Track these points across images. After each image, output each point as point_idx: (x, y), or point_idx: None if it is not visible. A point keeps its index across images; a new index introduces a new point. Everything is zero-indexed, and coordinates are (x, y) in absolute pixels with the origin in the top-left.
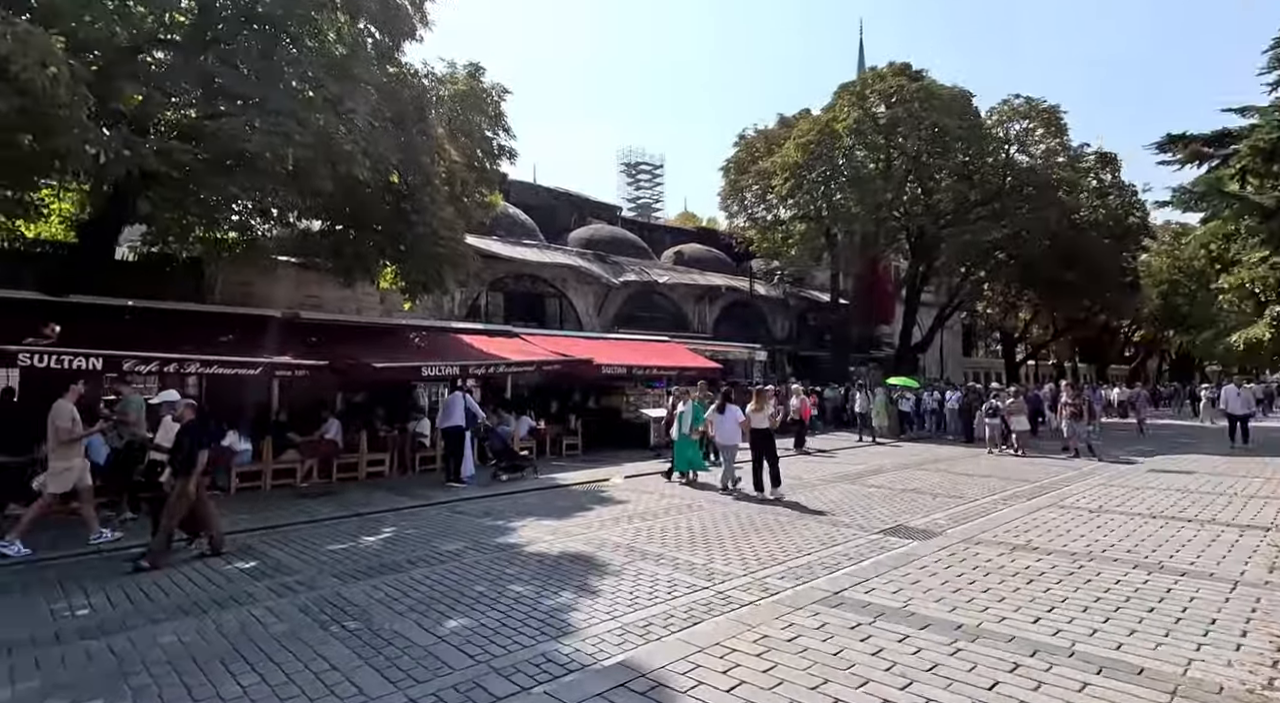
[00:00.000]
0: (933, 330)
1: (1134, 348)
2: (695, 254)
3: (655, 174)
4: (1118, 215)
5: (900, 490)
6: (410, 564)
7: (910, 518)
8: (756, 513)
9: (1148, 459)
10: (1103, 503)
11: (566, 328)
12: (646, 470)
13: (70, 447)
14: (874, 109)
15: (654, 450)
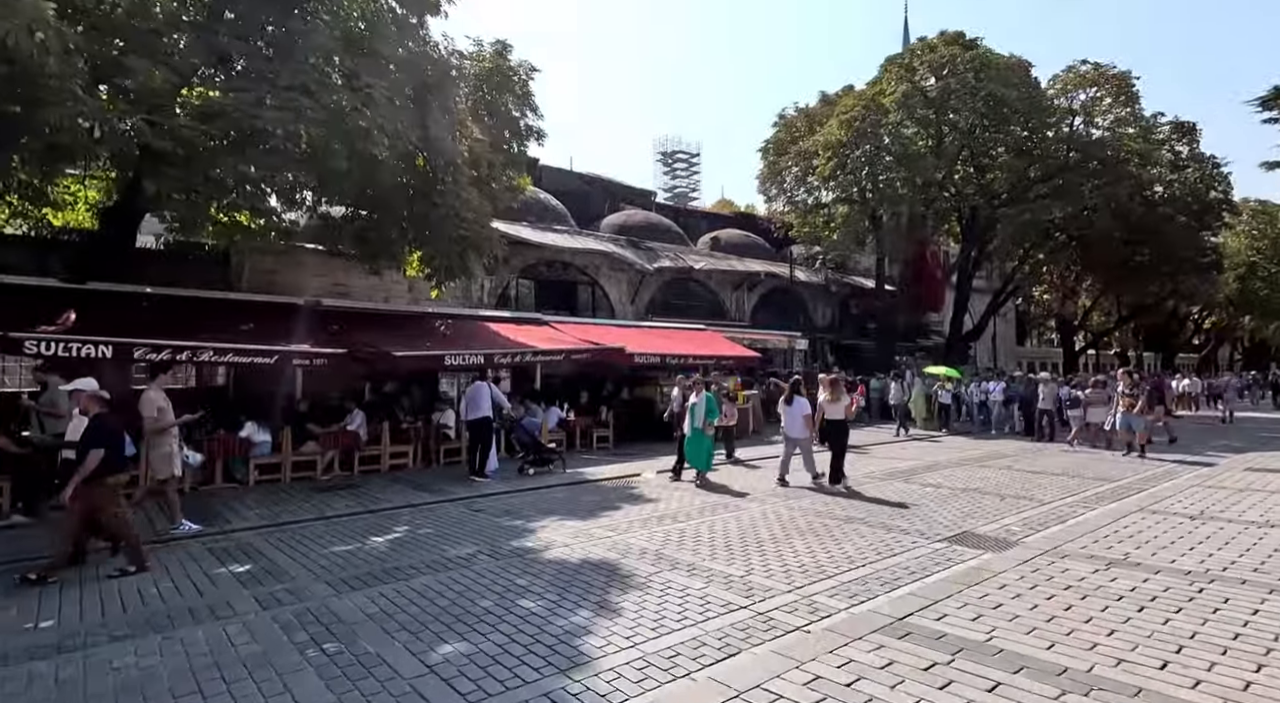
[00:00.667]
0: (985, 318)
1: (1204, 335)
2: (733, 240)
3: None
4: (1196, 190)
5: (960, 490)
6: (414, 571)
7: (977, 524)
8: (800, 515)
9: (1237, 456)
10: (1204, 508)
11: (599, 316)
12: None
13: (163, 434)
14: (923, 82)
15: None
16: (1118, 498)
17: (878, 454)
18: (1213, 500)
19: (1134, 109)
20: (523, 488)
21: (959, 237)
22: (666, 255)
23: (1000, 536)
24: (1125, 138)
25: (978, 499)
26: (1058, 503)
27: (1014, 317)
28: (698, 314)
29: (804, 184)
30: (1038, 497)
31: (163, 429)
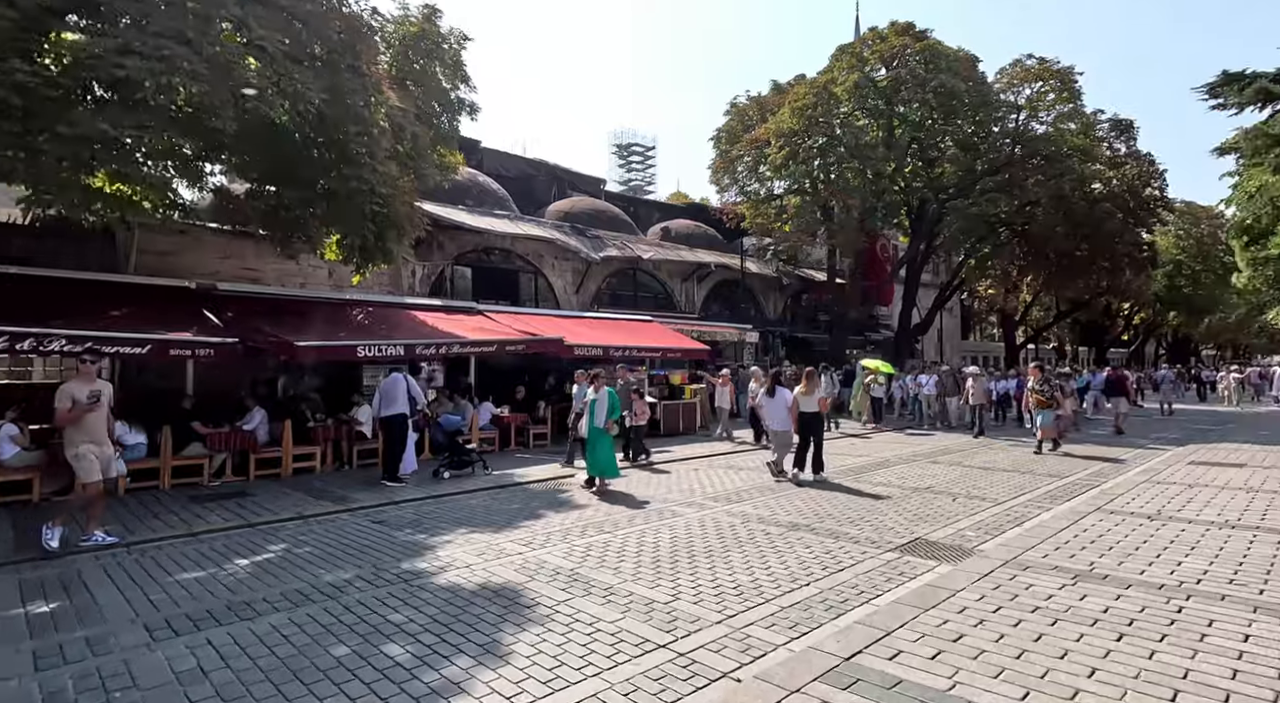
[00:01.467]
0: (932, 312)
1: (1133, 331)
2: (684, 230)
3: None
4: (1134, 187)
5: (911, 490)
6: (267, 607)
7: (930, 529)
8: (741, 522)
9: (1178, 448)
10: (1160, 507)
11: (543, 306)
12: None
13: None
14: (874, 72)
15: None
16: (1070, 496)
17: None
18: (1166, 498)
19: (1076, 105)
20: (439, 494)
21: (908, 230)
22: (614, 244)
23: (956, 543)
24: (1067, 134)
25: (930, 500)
26: (1011, 503)
27: (959, 311)
28: (646, 306)
29: (756, 174)
30: (991, 496)
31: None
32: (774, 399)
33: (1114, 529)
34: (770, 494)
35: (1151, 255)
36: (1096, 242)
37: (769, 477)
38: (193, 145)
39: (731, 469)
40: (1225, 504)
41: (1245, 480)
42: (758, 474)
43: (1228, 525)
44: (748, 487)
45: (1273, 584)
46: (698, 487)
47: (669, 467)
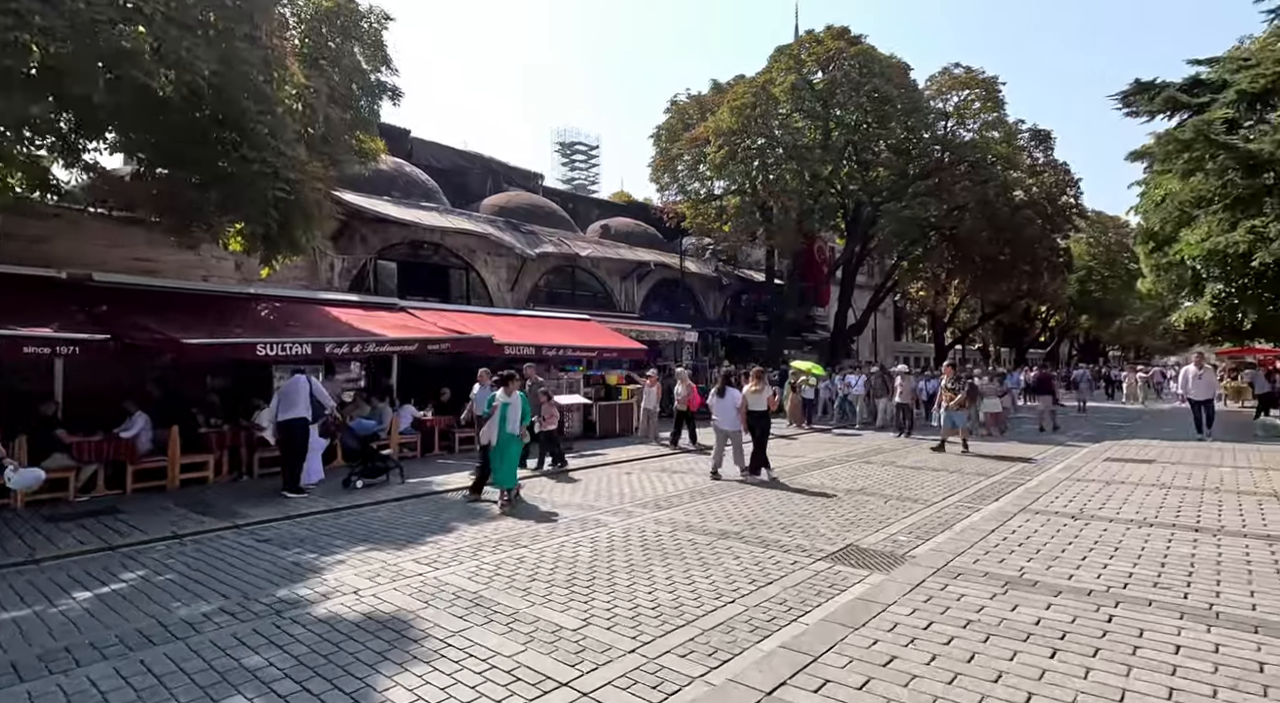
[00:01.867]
0: (866, 313)
1: (1049, 332)
2: (624, 228)
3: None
4: (1052, 194)
5: (844, 492)
6: (94, 654)
7: (862, 534)
8: (668, 531)
9: (1094, 445)
10: (1082, 506)
11: (474, 304)
12: (549, 469)
13: None
14: (811, 75)
15: (567, 444)
16: (998, 496)
17: None
18: (1087, 496)
19: (1000, 114)
20: (343, 506)
21: (844, 233)
22: (550, 240)
23: (887, 549)
24: (992, 141)
25: (862, 503)
26: (942, 504)
27: (892, 312)
28: (585, 304)
29: (696, 173)
30: (922, 497)
31: None
32: (724, 399)
33: (1040, 530)
34: (702, 499)
35: (1067, 260)
36: (1018, 246)
37: (704, 480)
38: (66, 119)
39: (665, 473)
40: (1141, 502)
41: (1157, 477)
42: (692, 478)
43: (1146, 524)
44: (680, 491)
45: (1195, 587)
46: (628, 492)
47: (600, 471)
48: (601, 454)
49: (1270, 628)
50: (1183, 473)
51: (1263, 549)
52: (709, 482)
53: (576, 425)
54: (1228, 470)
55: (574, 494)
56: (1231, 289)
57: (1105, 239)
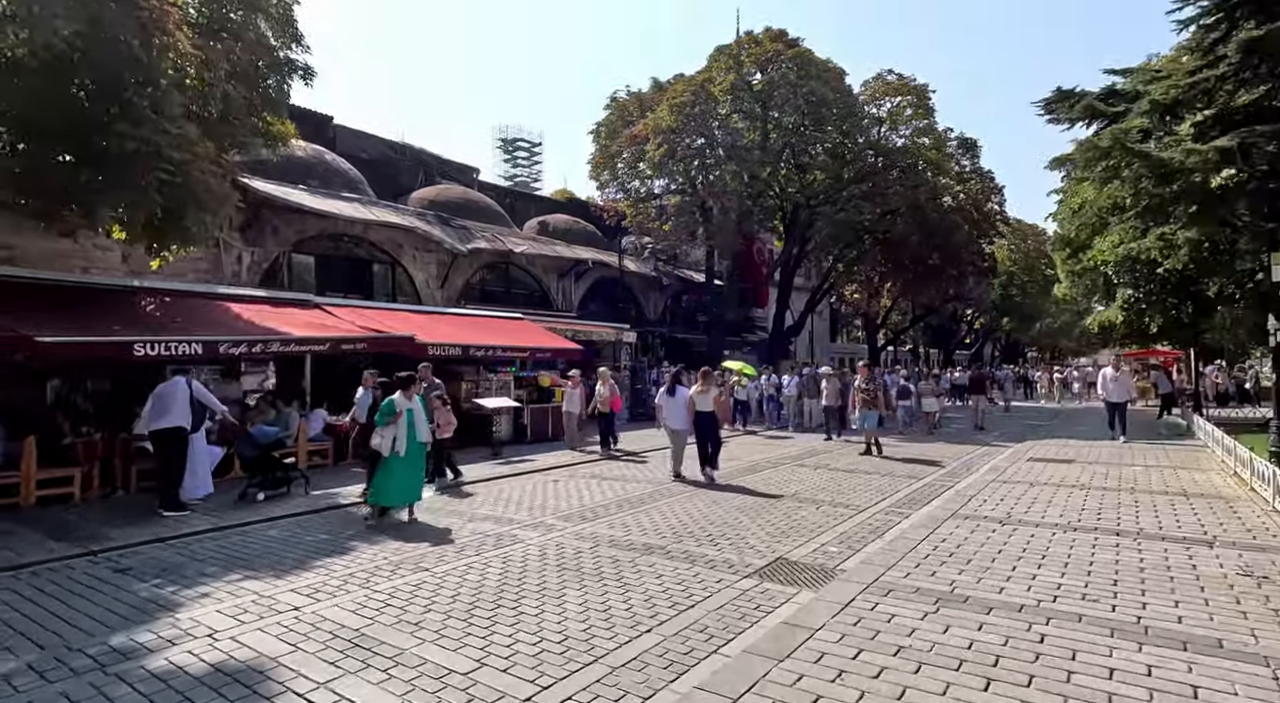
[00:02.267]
0: (804, 315)
1: (974, 334)
2: (562, 225)
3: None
4: (978, 200)
5: (776, 498)
6: None
7: (792, 545)
8: (589, 548)
9: (1017, 445)
10: (1009, 510)
11: (401, 301)
12: (472, 477)
13: None
14: (750, 76)
15: (492, 449)
16: (928, 500)
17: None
18: (1013, 499)
19: (930, 121)
20: (230, 524)
21: (783, 235)
22: (483, 236)
23: (817, 561)
24: (923, 147)
25: (794, 510)
26: (873, 510)
27: (829, 314)
28: (520, 303)
29: (636, 171)
30: (854, 502)
31: None
32: (674, 398)
33: (970, 538)
34: (629, 509)
35: (992, 264)
36: (947, 250)
37: (635, 487)
38: None
39: (596, 480)
40: (1064, 504)
41: (1077, 478)
42: (623, 485)
43: (1071, 528)
44: (608, 500)
45: (1121, 598)
46: (551, 503)
47: (526, 480)
48: (531, 460)
49: (1197, 644)
50: (1100, 473)
51: (1180, 553)
52: (641, 489)
53: (506, 430)
54: (1140, 469)
55: (493, 506)
56: (1140, 294)
57: (1025, 246)
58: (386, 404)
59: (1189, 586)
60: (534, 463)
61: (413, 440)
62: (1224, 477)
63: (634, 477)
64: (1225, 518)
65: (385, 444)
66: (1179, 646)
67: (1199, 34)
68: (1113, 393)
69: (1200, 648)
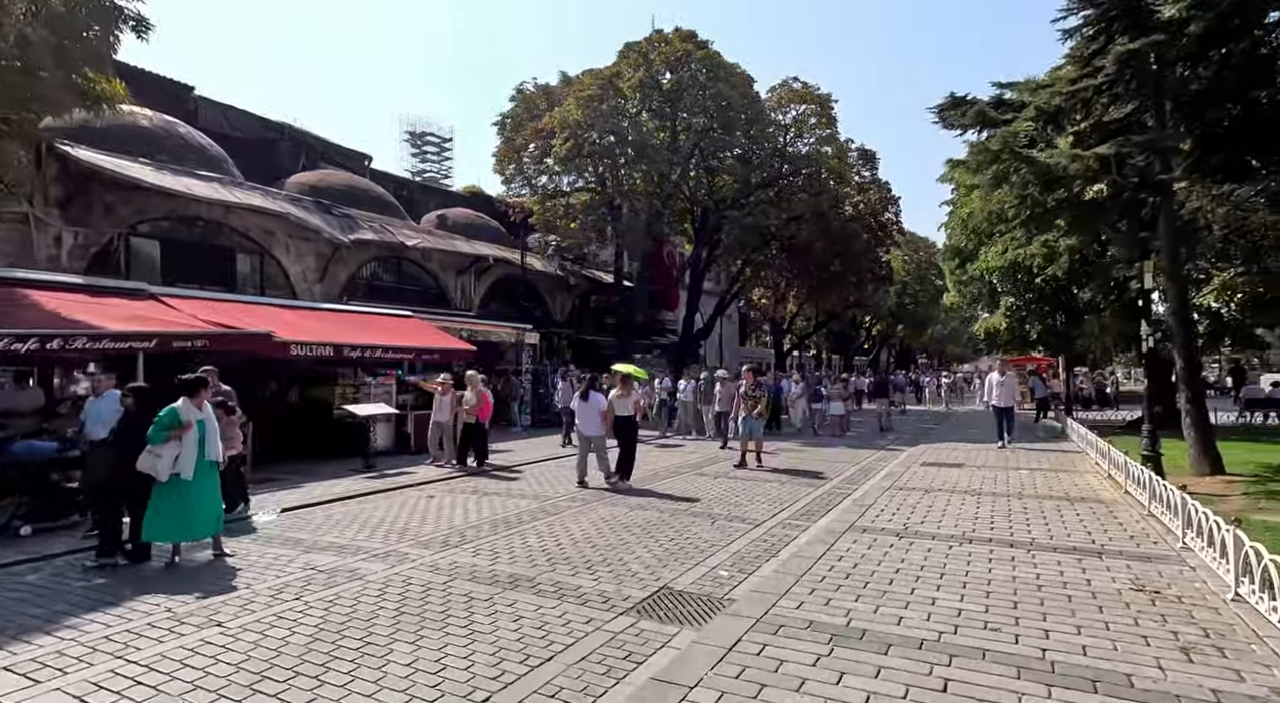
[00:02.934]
0: (713, 318)
1: (872, 341)
2: (463, 220)
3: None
4: (876, 210)
5: (671, 513)
6: None
7: (680, 569)
8: (443, 581)
9: (911, 448)
10: (905, 520)
11: (273, 295)
12: (320, 497)
13: None
14: (660, 75)
15: (365, 461)
16: (826, 509)
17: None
18: (909, 508)
19: (833, 131)
20: None
21: (692, 238)
22: (370, 227)
23: (705, 589)
24: (825, 156)
25: (688, 526)
26: (771, 522)
27: (738, 319)
28: (413, 301)
29: (542, 167)
30: (751, 514)
31: None
32: (587, 402)
33: (867, 554)
34: (505, 531)
35: (889, 273)
36: (847, 258)
37: (519, 502)
38: None
39: (476, 495)
40: (959, 512)
41: (968, 483)
42: (504, 501)
43: (966, 540)
44: (481, 520)
45: (1024, 624)
46: (413, 525)
47: (397, 496)
48: (408, 473)
49: (1107, 682)
50: (989, 477)
51: (1073, 567)
52: (525, 505)
53: (385, 439)
54: (1025, 473)
55: (343, 531)
56: (1021, 303)
57: (917, 257)
58: (168, 413)
59: (1087, 606)
60: (410, 476)
61: (201, 459)
62: (1099, 479)
63: (520, 491)
64: (1108, 523)
65: (162, 465)
66: (1089, 686)
67: (1081, 44)
68: (999, 397)
69: (1110, 687)
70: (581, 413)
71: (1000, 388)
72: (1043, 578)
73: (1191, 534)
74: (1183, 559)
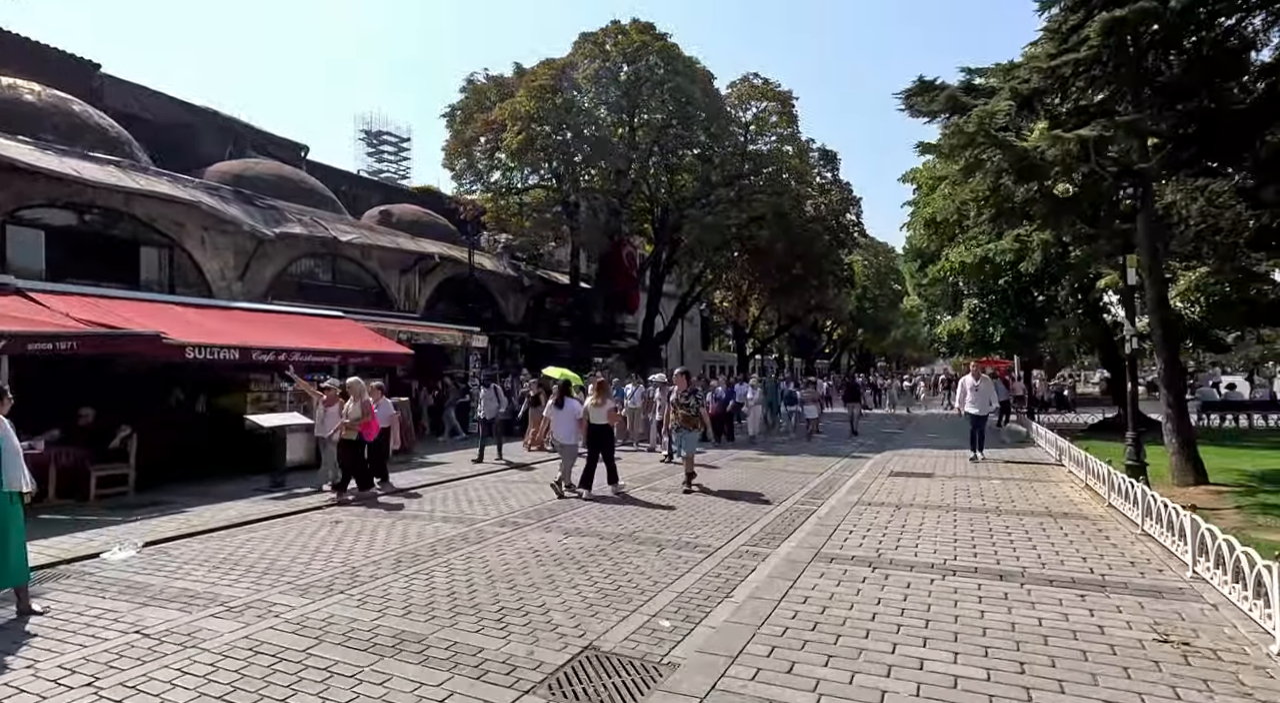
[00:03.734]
0: (674, 320)
1: (833, 345)
2: (408, 217)
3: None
4: (837, 211)
5: (611, 539)
6: None
7: (614, 617)
8: (302, 648)
9: (876, 456)
10: (877, 545)
11: (183, 293)
12: (200, 526)
13: None
14: (616, 68)
15: (273, 479)
16: (789, 531)
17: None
18: (880, 529)
19: (794, 130)
20: None
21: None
22: (299, 220)
23: (640, 652)
24: (786, 155)
25: (627, 556)
26: (726, 551)
27: (700, 322)
28: (351, 301)
29: (495, 161)
30: (704, 540)
31: None
32: (562, 410)
33: (837, 594)
34: (408, 567)
35: (851, 275)
36: (809, 259)
37: (440, 528)
38: None
39: (390, 520)
40: (935, 533)
41: (940, 496)
42: (419, 527)
43: (949, 570)
44: (383, 554)
45: (1037, 698)
46: (299, 563)
47: (296, 523)
48: (323, 493)
49: None
50: (961, 489)
51: (1078, 607)
52: (442, 531)
53: (301, 453)
54: (998, 484)
55: (208, 572)
56: (984, 305)
57: (877, 262)
58: None
59: (1109, 668)
60: (322, 496)
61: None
62: (1076, 490)
63: (445, 513)
64: (1101, 546)
65: None
66: None
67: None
68: (973, 403)
69: None
70: (558, 421)
71: (974, 393)
72: (1047, 625)
73: (1206, 564)
74: (1199, 595)
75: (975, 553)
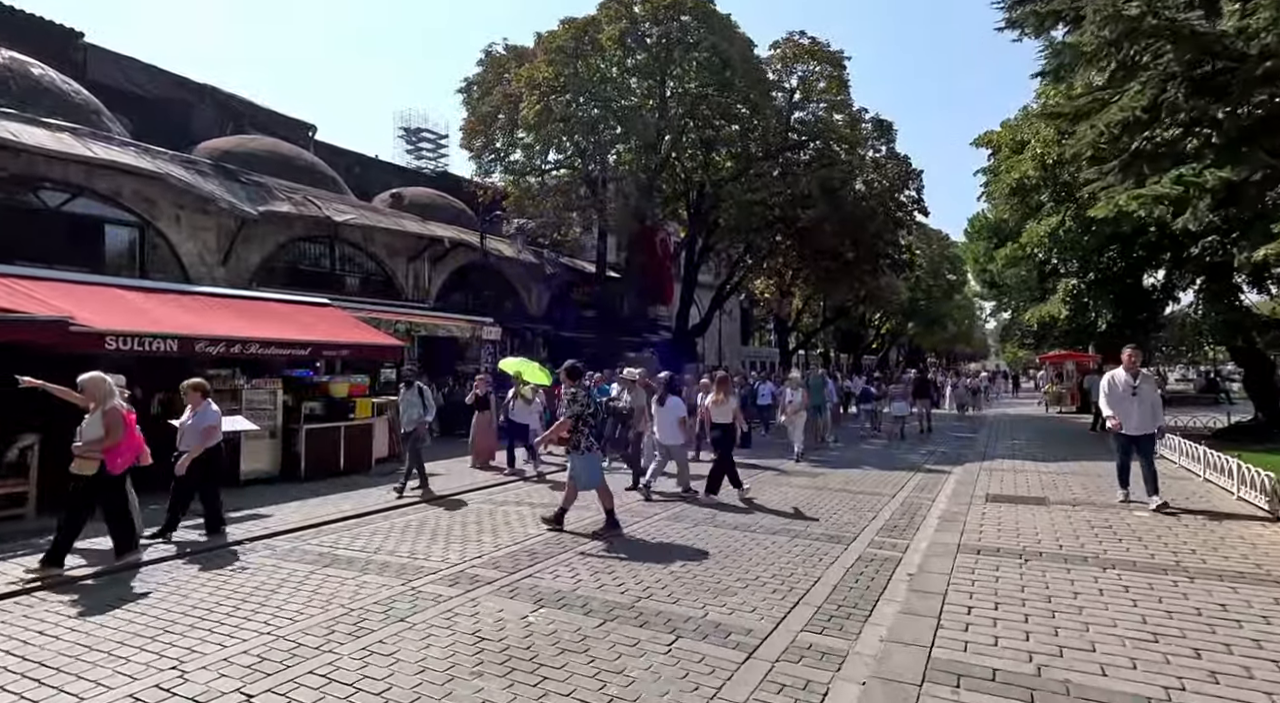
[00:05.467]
0: (710, 312)
1: (880, 339)
2: (421, 199)
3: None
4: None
5: (605, 613)
6: None
7: None
8: None
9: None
10: (1022, 640)
11: (158, 278)
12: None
13: None
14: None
15: None
16: (868, 608)
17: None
18: (1015, 605)
19: (845, 96)
20: None
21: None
22: (289, 198)
23: None
24: (836, 125)
25: (621, 655)
26: (773, 644)
27: (739, 315)
28: (353, 290)
29: (514, 139)
30: (740, 624)
31: None
32: (664, 408)
33: None
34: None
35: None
36: (861, 242)
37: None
38: None
39: (308, 568)
40: (1114, 623)
41: (1075, 538)
42: (336, 585)
43: None
44: (251, 646)
45: None
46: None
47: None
48: (262, 517)
49: None
50: (1100, 526)
51: None
52: (363, 593)
53: (266, 463)
54: (1148, 517)
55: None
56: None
57: (930, 250)
58: None
59: None
60: (272, 521)
61: None
62: (1263, 526)
63: (386, 559)
64: None
65: None
66: None
67: None
68: (1132, 416)
69: None
70: (659, 419)
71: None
72: None
73: None
74: None
75: (1214, 675)
